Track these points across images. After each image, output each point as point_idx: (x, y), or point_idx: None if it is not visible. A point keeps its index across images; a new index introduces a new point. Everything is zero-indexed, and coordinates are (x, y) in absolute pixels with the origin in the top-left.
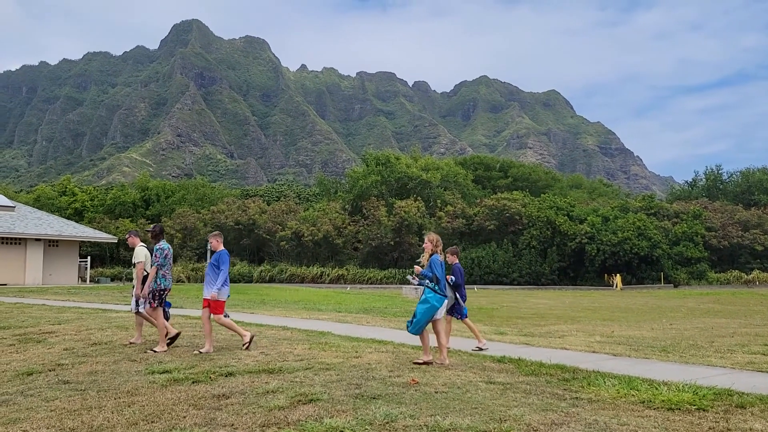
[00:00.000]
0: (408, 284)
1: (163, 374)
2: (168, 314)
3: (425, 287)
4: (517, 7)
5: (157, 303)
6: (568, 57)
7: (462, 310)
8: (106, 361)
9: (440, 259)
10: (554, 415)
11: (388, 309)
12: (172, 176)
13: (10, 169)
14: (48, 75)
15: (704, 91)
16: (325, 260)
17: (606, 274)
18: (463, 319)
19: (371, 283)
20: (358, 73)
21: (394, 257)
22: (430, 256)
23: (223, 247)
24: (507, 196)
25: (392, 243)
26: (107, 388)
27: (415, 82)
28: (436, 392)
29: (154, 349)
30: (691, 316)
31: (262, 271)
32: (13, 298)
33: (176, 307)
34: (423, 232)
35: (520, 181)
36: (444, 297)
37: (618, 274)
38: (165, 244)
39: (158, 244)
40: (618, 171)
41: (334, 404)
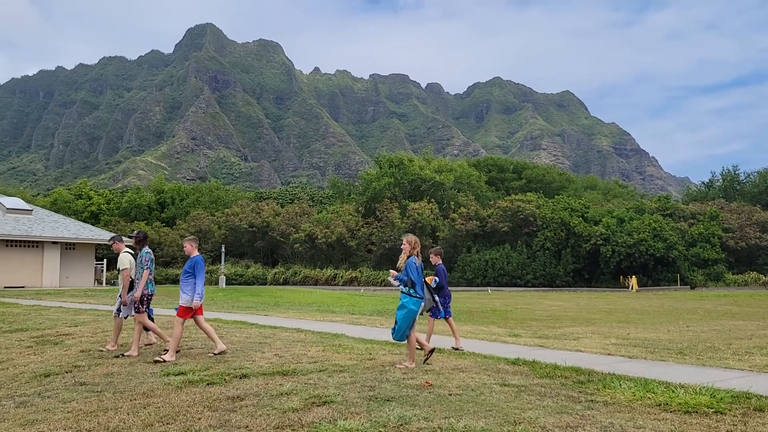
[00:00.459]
0: (389, 285)
1: (178, 376)
2: (152, 319)
3: (401, 292)
4: (529, 8)
5: (145, 308)
6: (581, 58)
7: (439, 313)
8: (122, 363)
9: (417, 262)
10: (569, 418)
11: None
12: (187, 179)
13: (28, 173)
14: (65, 80)
15: (719, 91)
16: (338, 262)
17: (621, 276)
18: (447, 318)
19: (384, 286)
20: (371, 76)
21: None
22: (407, 258)
23: (198, 253)
24: (521, 197)
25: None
26: (123, 390)
27: (428, 83)
28: (450, 394)
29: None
30: (708, 318)
31: (276, 274)
32: (30, 300)
33: None
34: (437, 233)
35: (534, 183)
36: (420, 299)
37: (633, 276)
38: (149, 250)
39: (144, 249)
40: (633, 172)
41: (347, 406)
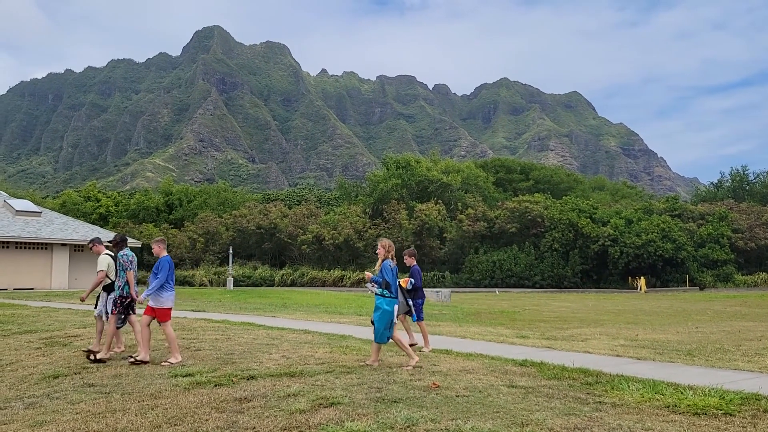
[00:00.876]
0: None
1: (186, 377)
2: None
3: (376, 294)
4: (535, 9)
5: (118, 310)
6: (588, 58)
7: (413, 315)
8: (130, 364)
9: (391, 265)
10: (577, 420)
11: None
12: (195, 181)
13: (37, 176)
14: (73, 82)
15: (727, 91)
16: (346, 264)
17: (630, 277)
18: (418, 322)
19: None
20: (378, 77)
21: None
22: (383, 261)
23: (165, 254)
24: (528, 198)
25: (413, 246)
26: (131, 391)
27: (435, 85)
28: (458, 396)
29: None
30: (718, 319)
31: (283, 275)
32: (39, 302)
33: (198, 311)
34: (444, 235)
35: (542, 184)
36: (394, 299)
37: (642, 277)
38: (129, 252)
39: (122, 252)
40: (641, 172)
41: (355, 408)
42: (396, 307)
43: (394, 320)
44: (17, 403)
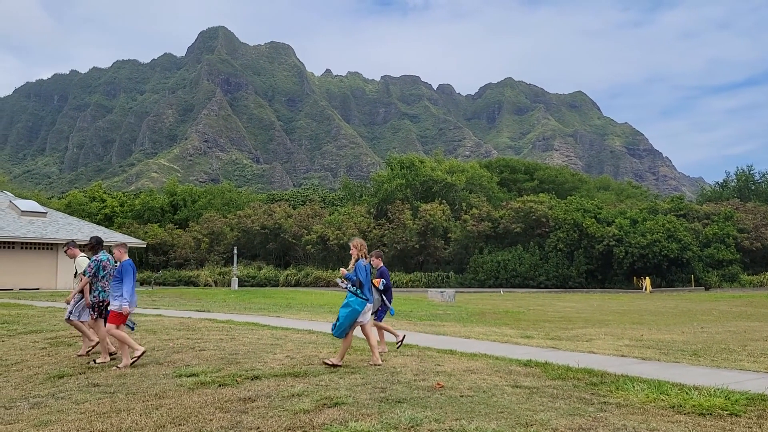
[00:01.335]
0: (337, 286)
1: (190, 377)
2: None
3: (348, 291)
4: (539, 9)
5: (96, 315)
6: (592, 58)
7: (381, 314)
8: (135, 364)
9: (364, 263)
10: (581, 420)
11: (413, 312)
12: (200, 181)
13: (43, 176)
14: (78, 83)
15: (732, 91)
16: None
17: (635, 277)
18: (379, 322)
19: (397, 287)
20: (382, 77)
21: (419, 261)
22: (356, 261)
23: (127, 257)
24: (533, 198)
25: (417, 246)
26: (135, 391)
27: (439, 85)
28: (462, 396)
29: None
30: (723, 320)
31: (288, 275)
32: (45, 302)
33: (202, 311)
34: (448, 235)
35: (547, 184)
36: (366, 301)
37: (647, 277)
38: (104, 256)
39: (95, 256)
40: (646, 172)
41: (359, 408)
42: (367, 306)
43: (359, 319)
44: (22, 403)
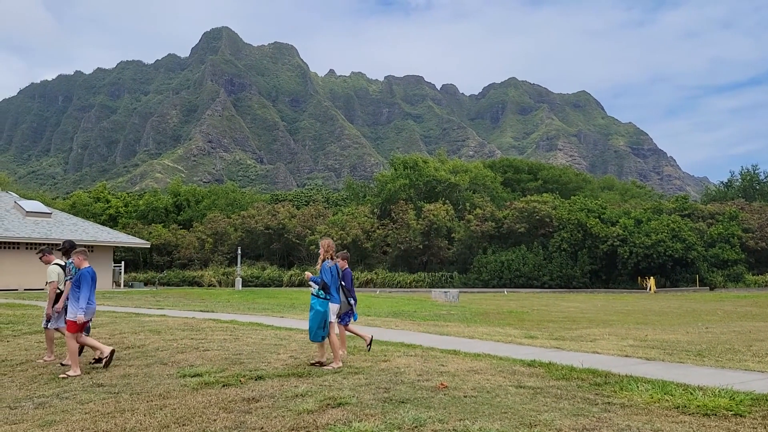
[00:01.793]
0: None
1: (194, 378)
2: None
3: (312, 294)
4: (541, 9)
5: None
6: (596, 58)
7: (348, 319)
8: (139, 365)
9: (329, 265)
10: (585, 420)
11: (417, 313)
12: (204, 182)
13: (47, 177)
14: (83, 84)
15: (736, 90)
16: (354, 264)
17: (639, 277)
18: (346, 326)
19: (400, 287)
20: (385, 77)
21: (423, 261)
22: (323, 262)
23: (87, 265)
24: (537, 198)
25: (421, 246)
26: (140, 391)
27: (442, 85)
28: (465, 396)
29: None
30: (728, 320)
31: (291, 275)
32: None
33: (206, 311)
34: (452, 235)
35: (550, 184)
36: (327, 301)
37: (651, 277)
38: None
39: (70, 260)
40: (651, 172)
41: (362, 408)
42: (332, 307)
43: (329, 320)
44: (27, 403)
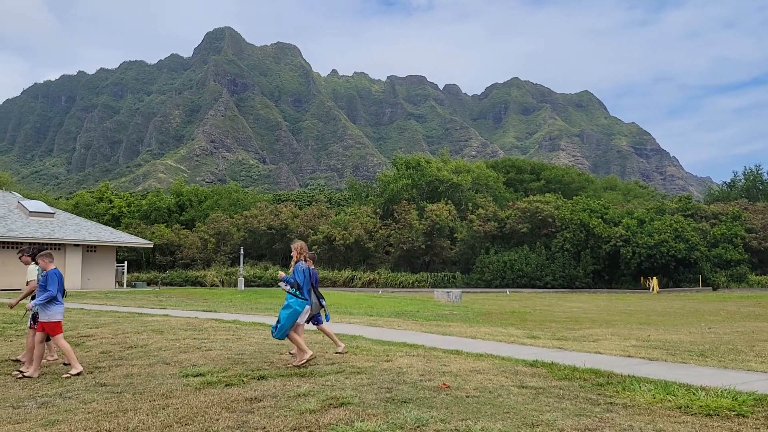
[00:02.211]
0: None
1: (197, 377)
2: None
3: (288, 293)
4: (543, 9)
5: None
6: (598, 58)
7: (319, 318)
8: (142, 364)
9: (303, 266)
10: (588, 421)
11: (419, 313)
12: (206, 182)
13: (50, 177)
14: (86, 84)
15: (739, 90)
16: (356, 264)
17: (642, 277)
18: (319, 326)
19: (403, 287)
20: (388, 78)
21: (425, 261)
22: (296, 263)
23: (53, 266)
24: (539, 198)
25: (423, 247)
26: (142, 391)
27: (445, 85)
28: (468, 396)
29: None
30: (731, 320)
31: None
32: None
33: (209, 311)
34: (455, 235)
35: (553, 184)
36: (305, 302)
37: (654, 277)
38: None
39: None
40: (654, 172)
41: (364, 408)
42: (307, 308)
43: (299, 320)
44: (30, 403)
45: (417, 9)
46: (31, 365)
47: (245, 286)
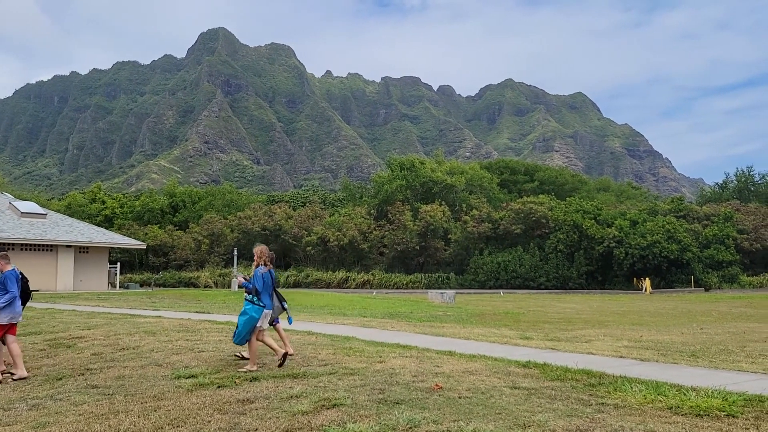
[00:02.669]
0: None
1: (189, 379)
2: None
3: (245, 299)
4: (539, 10)
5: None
6: (592, 59)
7: (277, 319)
8: (134, 366)
9: (262, 271)
10: (579, 421)
11: (413, 314)
12: (200, 183)
13: (43, 177)
14: (79, 84)
15: (733, 91)
16: (350, 265)
17: (635, 278)
18: (275, 325)
19: (397, 288)
20: (382, 78)
21: (419, 262)
22: (256, 267)
23: (10, 268)
24: (533, 199)
25: (418, 248)
26: (134, 393)
27: (439, 86)
28: (460, 397)
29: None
30: (723, 321)
31: (288, 276)
32: (44, 303)
33: (202, 312)
34: (449, 236)
35: (547, 185)
36: (262, 308)
37: (647, 278)
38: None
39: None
40: (646, 173)
41: (357, 409)
42: (265, 312)
43: (258, 326)
44: (21, 405)
45: (412, 10)
46: (16, 368)
47: (239, 288)
